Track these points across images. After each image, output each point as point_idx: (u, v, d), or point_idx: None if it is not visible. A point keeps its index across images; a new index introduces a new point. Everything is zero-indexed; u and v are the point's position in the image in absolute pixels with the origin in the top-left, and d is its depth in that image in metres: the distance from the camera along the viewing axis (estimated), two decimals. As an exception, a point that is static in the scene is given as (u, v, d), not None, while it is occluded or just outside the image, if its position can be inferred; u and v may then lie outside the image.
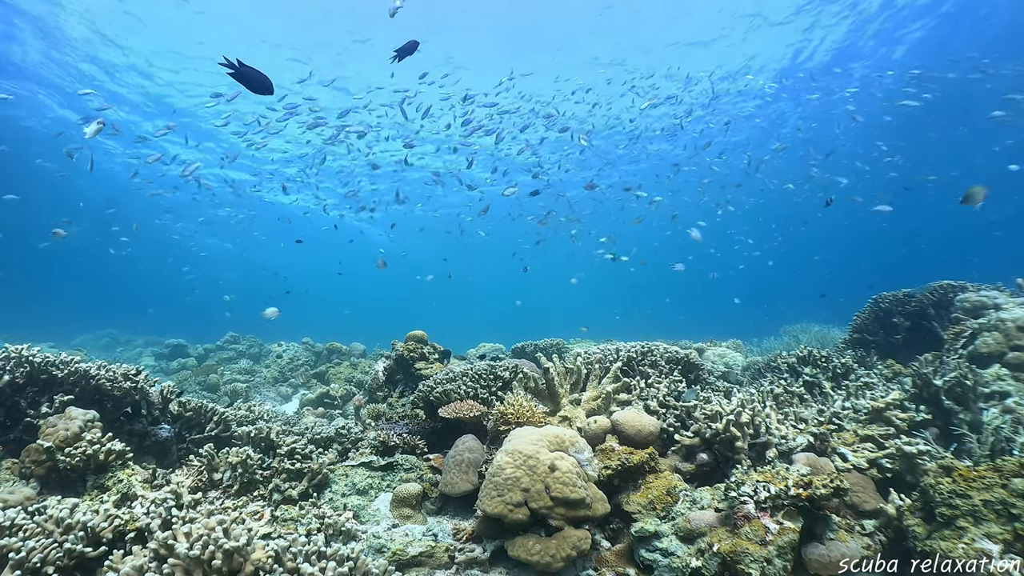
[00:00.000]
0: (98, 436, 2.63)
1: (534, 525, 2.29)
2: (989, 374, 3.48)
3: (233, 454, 2.85)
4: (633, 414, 2.99)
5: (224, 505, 2.63)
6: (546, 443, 2.56)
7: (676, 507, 2.42)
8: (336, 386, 6.99)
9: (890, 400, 3.04)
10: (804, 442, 2.77)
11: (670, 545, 2.21)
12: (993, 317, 4.06)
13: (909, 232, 34.59)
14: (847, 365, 4.24)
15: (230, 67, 2.62)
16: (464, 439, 3.06)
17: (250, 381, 8.43)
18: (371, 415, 4.42)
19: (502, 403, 3.26)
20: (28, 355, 2.92)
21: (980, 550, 1.81)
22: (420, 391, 4.00)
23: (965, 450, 2.74)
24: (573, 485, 2.33)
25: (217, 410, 3.62)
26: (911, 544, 2.04)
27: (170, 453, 3.25)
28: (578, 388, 3.45)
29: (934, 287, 5.02)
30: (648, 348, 4.28)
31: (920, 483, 2.19)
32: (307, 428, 4.04)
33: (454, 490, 2.81)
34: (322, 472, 2.93)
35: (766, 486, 2.19)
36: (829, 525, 2.20)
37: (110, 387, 3.12)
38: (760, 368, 5.52)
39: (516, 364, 4.10)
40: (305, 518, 2.54)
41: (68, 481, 2.54)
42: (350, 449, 3.60)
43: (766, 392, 3.44)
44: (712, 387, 4.28)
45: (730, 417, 2.70)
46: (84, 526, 1.94)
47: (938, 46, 14.96)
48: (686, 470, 2.73)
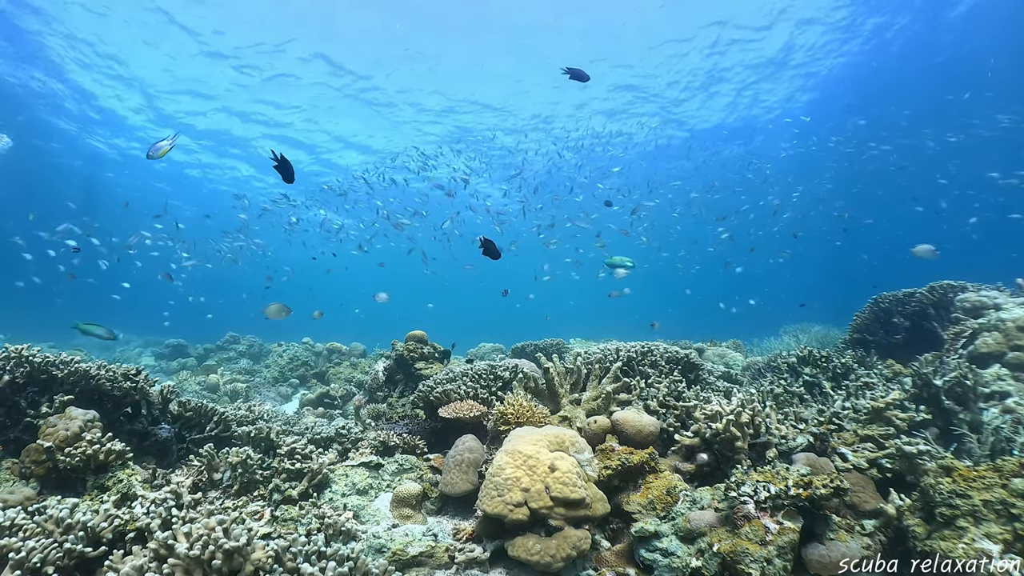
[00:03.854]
0: (98, 436, 2.63)
1: (534, 525, 2.29)
2: (989, 374, 3.48)
3: (233, 454, 2.85)
4: (633, 414, 2.99)
5: (224, 505, 2.63)
6: (546, 443, 2.56)
7: (676, 507, 2.42)
8: (336, 386, 6.99)
9: (890, 400, 3.04)
10: (804, 442, 2.77)
11: (670, 545, 2.21)
12: (993, 317, 4.06)
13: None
14: (847, 365, 4.24)
15: (275, 159, 3.27)
16: (464, 439, 3.06)
17: (250, 381, 8.44)
18: (371, 415, 4.42)
19: (502, 403, 3.26)
20: (28, 355, 2.92)
21: (980, 550, 1.81)
22: (420, 391, 4.00)
23: (965, 450, 2.74)
24: (573, 485, 2.33)
25: (217, 410, 3.62)
26: (911, 544, 2.04)
27: (170, 453, 3.25)
28: (578, 388, 3.45)
29: (934, 287, 5.03)
30: (648, 348, 4.28)
31: (920, 483, 2.19)
32: (307, 428, 4.04)
33: (454, 490, 2.81)
34: (322, 472, 2.93)
35: (766, 486, 2.18)
36: (829, 525, 2.20)
37: (110, 387, 3.12)
38: (760, 368, 5.52)
39: (516, 364, 4.10)
40: (305, 518, 2.54)
41: (68, 481, 2.54)
42: (350, 449, 3.60)
43: (766, 392, 3.44)
44: (712, 387, 4.28)
45: (730, 417, 2.70)
46: (84, 526, 1.94)
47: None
48: (686, 470, 2.73)
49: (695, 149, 19.87)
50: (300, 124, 18.36)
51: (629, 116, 18.12)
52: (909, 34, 14.65)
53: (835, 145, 20.23)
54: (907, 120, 18.45)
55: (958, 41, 14.79)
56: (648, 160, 20.86)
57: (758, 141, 20.12)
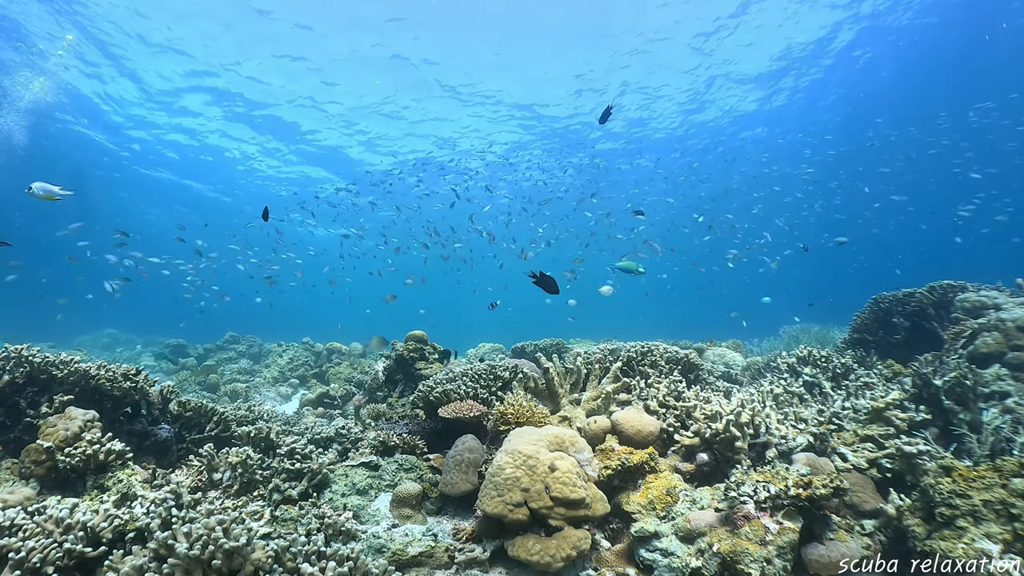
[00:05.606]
0: (98, 436, 2.63)
1: (534, 525, 2.29)
2: (989, 374, 3.48)
3: (233, 454, 2.85)
4: (633, 414, 2.99)
5: (224, 505, 2.63)
6: (546, 443, 2.56)
7: (676, 507, 2.42)
8: (336, 386, 6.99)
9: (890, 400, 3.04)
10: (804, 442, 2.78)
11: (670, 545, 2.21)
12: (993, 317, 4.06)
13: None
14: (847, 365, 4.24)
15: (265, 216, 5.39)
16: (464, 439, 3.06)
17: (250, 381, 8.43)
18: (371, 415, 4.42)
19: (502, 403, 3.26)
20: (28, 355, 2.92)
21: (980, 550, 1.81)
22: (420, 391, 4.00)
23: (965, 450, 2.74)
24: (573, 485, 2.33)
25: (217, 410, 3.62)
26: (911, 544, 2.04)
27: (170, 453, 3.25)
28: (578, 388, 3.45)
29: (934, 287, 5.02)
30: (648, 348, 4.28)
31: (920, 483, 2.20)
32: (307, 428, 4.03)
33: (454, 490, 2.81)
34: (322, 472, 2.93)
35: (766, 486, 2.19)
36: (829, 525, 2.20)
37: (110, 387, 3.12)
38: (760, 368, 5.52)
39: (516, 364, 4.10)
40: (305, 518, 2.54)
41: (68, 481, 2.54)
42: (350, 449, 3.60)
43: (766, 392, 3.44)
44: (712, 387, 4.28)
45: (730, 417, 2.70)
46: (84, 526, 1.94)
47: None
48: (686, 470, 2.73)
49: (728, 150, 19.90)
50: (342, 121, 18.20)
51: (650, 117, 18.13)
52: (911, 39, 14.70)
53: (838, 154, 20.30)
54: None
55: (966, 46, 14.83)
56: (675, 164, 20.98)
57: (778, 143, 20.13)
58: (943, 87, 16.50)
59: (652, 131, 18.77)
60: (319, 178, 21.96)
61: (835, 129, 19.10)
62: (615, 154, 20.36)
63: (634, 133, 18.90)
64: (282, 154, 20.15)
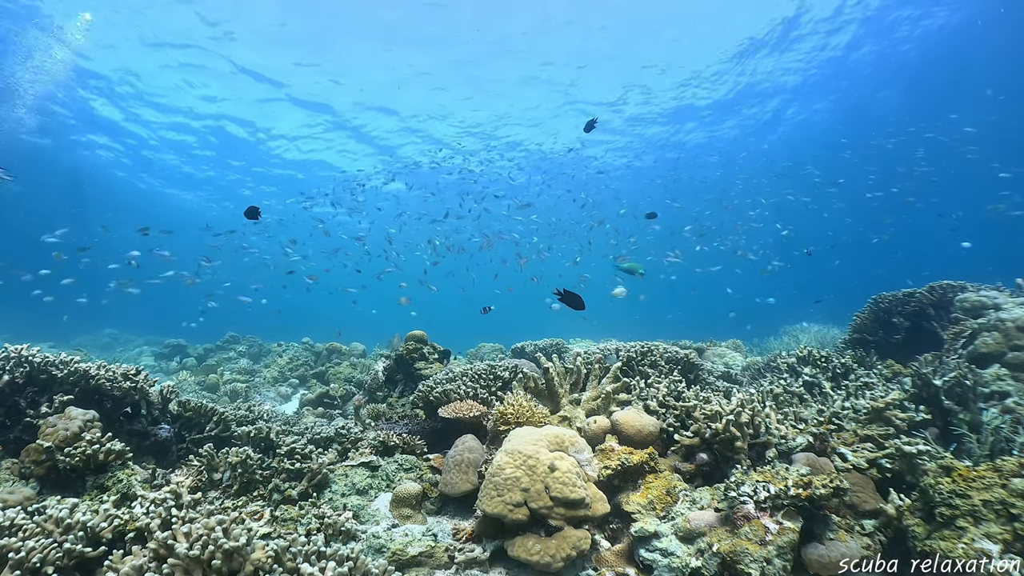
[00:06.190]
0: (98, 436, 2.63)
1: (534, 525, 2.29)
2: (989, 374, 3.48)
3: (233, 454, 2.85)
4: (633, 414, 2.99)
5: (224, 505, 2.63)
6: (546, 443, 2.56)
7: (676, 507, 2.42)
8: (336, 386, 6.99)
9: (890, 400, 3.04)
10: (804, 442, 2.77)
11: (670, 545, 2.21)
12: (993, 317, 4.06)
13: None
14: (847, 365, 4.24)
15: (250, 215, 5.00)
16: (464, 439, 3.06)
17: (250, 381, 8.43)
18: (371, 415, 4.42)
19: (502, 403, 3.26)
20: (28, 355, 2.92)
21: (980, 550, 1.81)
22: (420, 391, 4.00)
23: (965, 450, 2.74)
24: (573, 485, 2.33)
25: (217, 410, 3.62)
26: (911, 544, 2.04)
27: (170, 453, 3.25)
28: (578, 388, 3.45)
29: (934, 287, 5.02)
30: (648, 348, 4.28)
31: (920, 483, 2.19)
32: (307, 428, 4.03)
33: (454, 490, 2.81)
34: (322, 472, 2.93)
35: (766, 486, 2.19)
36: (829, 525, 2.20)
37: (110, 387, 3.12)
38: (760, 368, 5.52)
39: (516, 364, 4.10)
40: (305, 518, 2.54)
41: (68, 481, 2.54)
42: (350, 449, 3.60)
43: (766, 392, 3.44)
44: (712, 387, 4.28)
45: (730, 417, 2.70)
46: (84, 526, 1.94)
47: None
48: (686, 470, 2.73)
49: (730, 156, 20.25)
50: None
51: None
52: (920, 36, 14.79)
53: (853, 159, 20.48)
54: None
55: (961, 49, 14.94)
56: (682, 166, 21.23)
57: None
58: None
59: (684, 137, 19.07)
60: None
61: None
62: (615, 154, 20.52)
63: (634, 130, 19.15)
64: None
